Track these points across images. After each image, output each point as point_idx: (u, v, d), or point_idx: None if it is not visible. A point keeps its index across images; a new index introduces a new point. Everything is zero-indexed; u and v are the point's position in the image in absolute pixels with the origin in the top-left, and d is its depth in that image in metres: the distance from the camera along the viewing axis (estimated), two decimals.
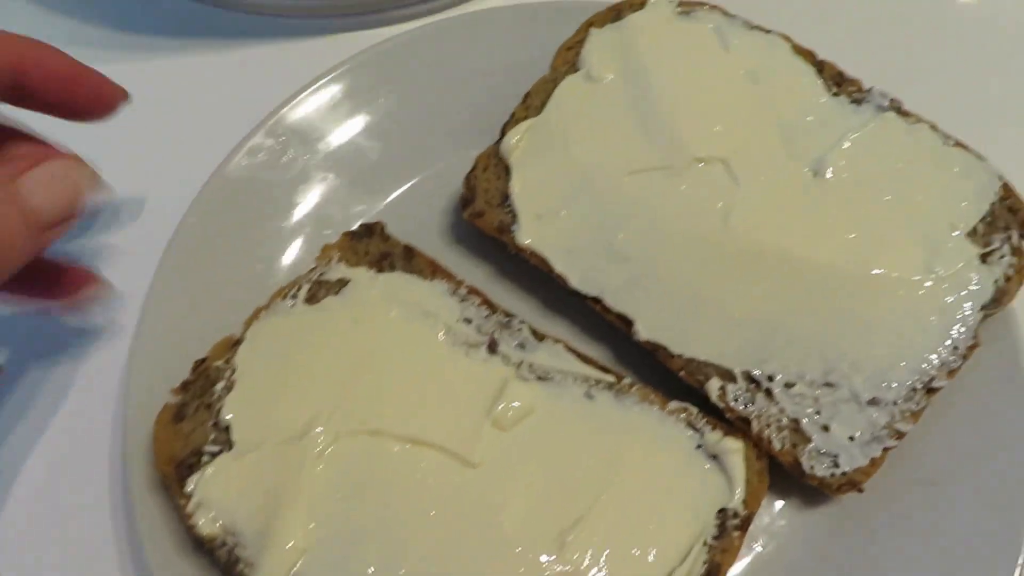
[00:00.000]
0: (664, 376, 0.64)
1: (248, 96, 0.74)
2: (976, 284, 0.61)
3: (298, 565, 0.54)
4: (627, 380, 0.63)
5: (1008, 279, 0.61)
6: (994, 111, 0.76)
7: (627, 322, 0.64)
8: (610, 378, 0.63)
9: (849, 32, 0.79)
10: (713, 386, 0.62)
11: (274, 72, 0.79)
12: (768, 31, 0.70)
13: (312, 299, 0.65)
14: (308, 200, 0.72)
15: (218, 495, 0.56)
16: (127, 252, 0.72)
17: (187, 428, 0.60)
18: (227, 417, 0.59)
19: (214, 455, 0.58)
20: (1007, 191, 0.63)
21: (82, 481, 0.65)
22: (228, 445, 0.59)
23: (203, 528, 0.55)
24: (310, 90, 0.72)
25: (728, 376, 0.62)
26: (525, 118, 0.69)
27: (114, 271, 0.67)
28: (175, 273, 0.66)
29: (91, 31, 0.83)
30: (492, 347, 0.64)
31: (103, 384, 0.68)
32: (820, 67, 0.69)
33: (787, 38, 0.69)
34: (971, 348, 0.60)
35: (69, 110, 0.59)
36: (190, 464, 0.58)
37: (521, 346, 0.64)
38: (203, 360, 0.62)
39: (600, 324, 0.67)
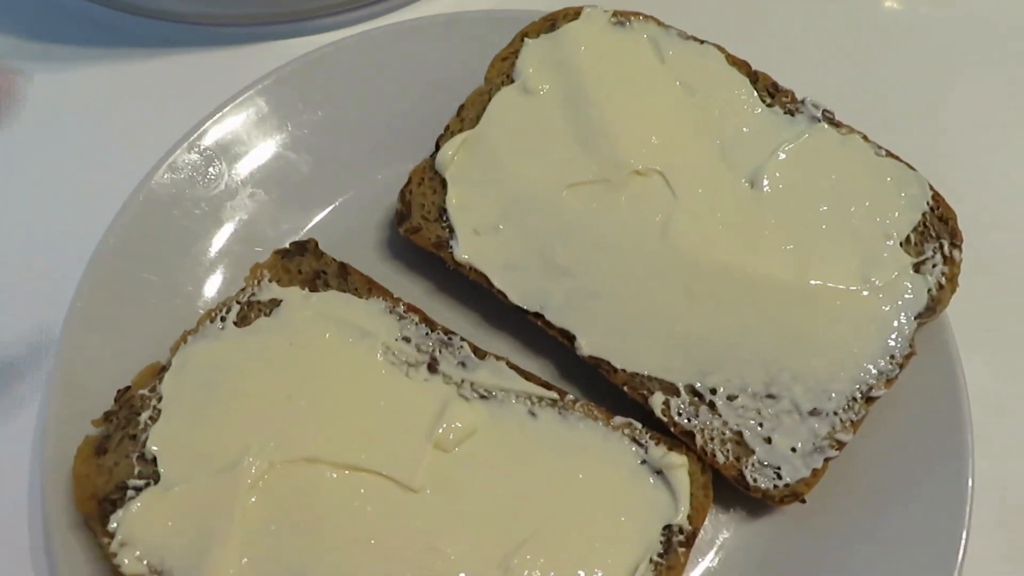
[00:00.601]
0: (608, 391, 0.64)
1: (171, 108, 0.71)
2: (911, 293, 0.62)
3: None
4: (570, 397, 0.62)
5: (940, 287, 0.62)
6: (924, 120, 0.78)
7: (569, 337, 0.63)
8: (553, 395, 0.62)
9: (782, 42, 0.80)
10: (656, 400, 0.61)
11: (198, 83, 0.77)
12: (703, 41, 0.70)
13: (243, 321, 0.63)
14: (236, 217, 0.69)
15: (144, 532, 0.53)
16: (43, 275, 0.68)
17: (110, 461, 0.56)
18: (153, 448, 0.56)
19: (139, 489, 0.55)
20: (937, 200, 0.64)
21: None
22: (155, 478, 0.56)
23: (128, 568, 0.52)
24: (235, 103, 0.70)
25: (672, 390, 0.62)
26: (460, 131, 0.68)
27: (30, 295, 0.63)
28: (96, 296, 0.63)
29: (5, 40, 0.78)
30: (432, 366, 0.62)
31: (19, 417, 0.64)
32: (754, 78, 0.69)
33: (721, 49, 0.69)
34: (907, 357, 0.61)
35: None
36: (113, 500, 0.55)
37: (462, 364, 0.62)
38: (127, 388, 0.59)
39: (543, 339, 0.66)
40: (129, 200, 0.66)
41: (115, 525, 0.53)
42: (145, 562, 0.53)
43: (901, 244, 0.63)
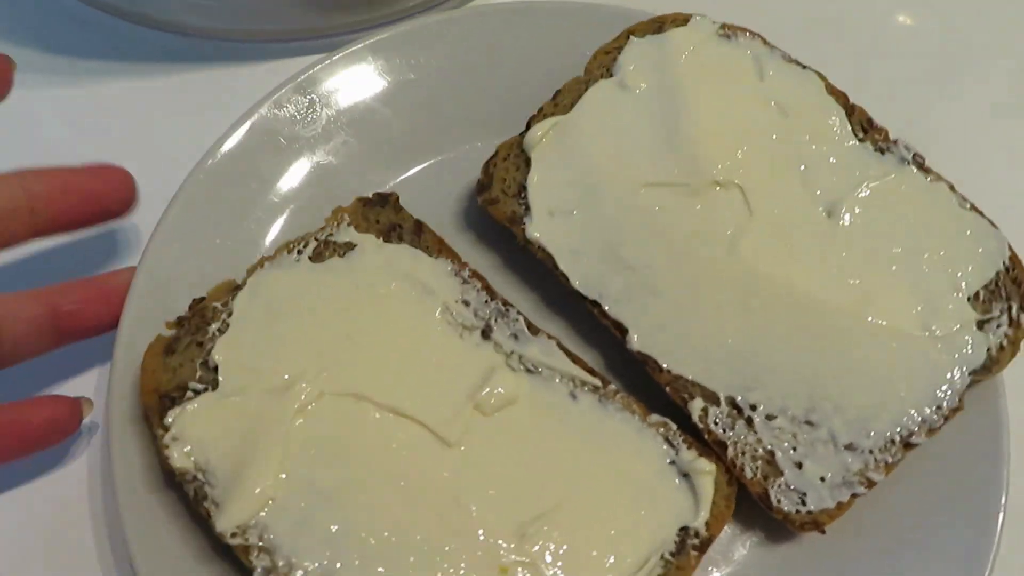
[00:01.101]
0: (650, 388, 0.65)
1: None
2: (969, 348, 0.61)
3: (263, 512, 0.55)
4: (612, 387, 0.63)
5: (1001, 348, 0.62)
6: (1015, 182, 0.77)
7: (622, 330, 0.65)
8: (596, 382, 0.63)
9: (884, 81, 0.80)
10: (696, 406, 0.62)
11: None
12: (805, 67, 0.70)
13: (317, 257, 0.66)
14: (328, 161, 0.72)
15: (196, 432, 0.57)
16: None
17: (176, 362, 0.60)
18: (216, 357, 0.60)
19: (198, 392, 0.59)
20: (1015, 262, 0.64)
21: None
22: (214, 385, 0.59)
23: (176, 461, 0.56)
24: (344, 53, 0.73)
25: (712, 398, 0.63)
26: (553, 114, 0.70)
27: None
28: (186, 210, 0.67)
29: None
30: (486, 333, 0.64)
31: None
32: (850, 110, 0.69)
33: (822, 76, 0.70)
34: (954, 411, 0.61)
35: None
36: (173, 397, 0.59)
37: (515, 336, 0.64)
38: (202, 299, 0.63)
39: (596, 328, 0.67)
40: (233, 126, 0.70)
41: (170, 420, 0.57)
42: (193, 459, 0.56)
43: (969, 299, 0.63)
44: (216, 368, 0.60)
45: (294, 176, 0.71)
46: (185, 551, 0.58)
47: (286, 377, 0.59)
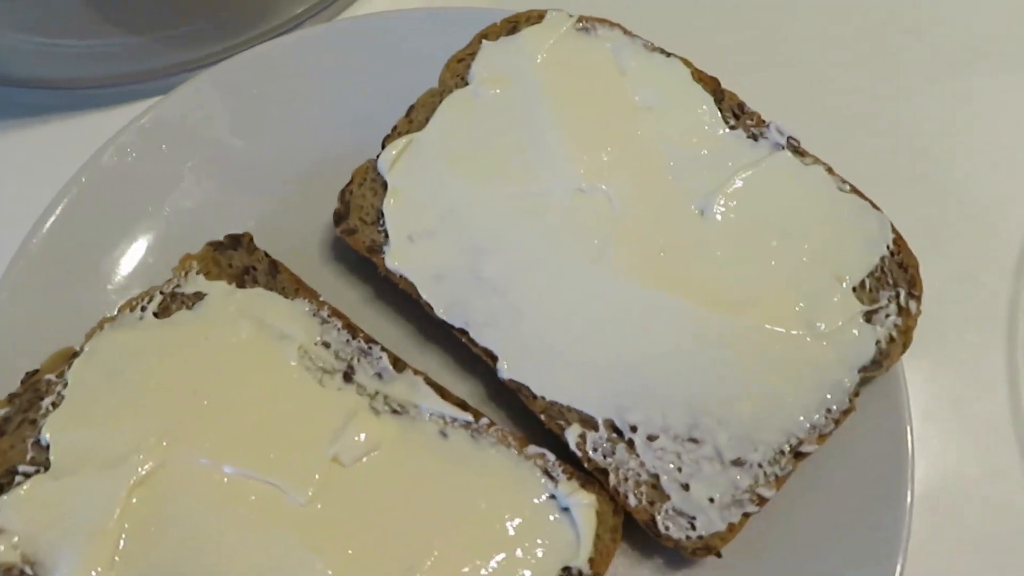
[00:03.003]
0: (529, 418, 0.61)
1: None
2: (857, 343, 0.57)
3: None
4: (485, 420, 0.59)
5: (891, 340, 0.57)
6: (896, 158, 0.72)
7: (493, 357, 0.60)
8: (468, 416, 0.59)
9: (756, 59, 0.75)
10: (573, 432, 0.58)
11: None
12: (669, 54, 0.65)
13: (164, 312, 0.62)
14: (178, 204, 0.68)
15: (24, 520, 0.53)
16: None
17: (6, 444, 0.56)
18: (47, 435, 0.56)
19: (28, 475, 0.55)
20: (899, 244, 0.59)
21: None
22: (46, 466, 0.55)
23: (1, 555, 0.52)
24: (183, 87, 0.68)
25: (590, 423, 0.58)
26: (408, 132, 0.65)
27: None
28: (22, 276, 0.63)
29: None
30: (348, 375, 0.60)
31: None
32: (720, 96, 0.64)
33: (688, 63, 0.65)
34: (845, 413, 0.56)
35: None
36: (1, 485, 0.55)
37: (379, 376, 0.60)
38: (35, 371, 0.59)
39: (471, 356, 0.63)
40: (75, 176, 0.66)
41: None
42: (19, 551, 0.52)
43: (854, 289, 0.58)
44: (48, 447, 0.56)
45: (142, 223, 0.67)
46: None
47: (123, 449, 0.55)
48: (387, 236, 0.63)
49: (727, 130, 0.63)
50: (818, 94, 0.75)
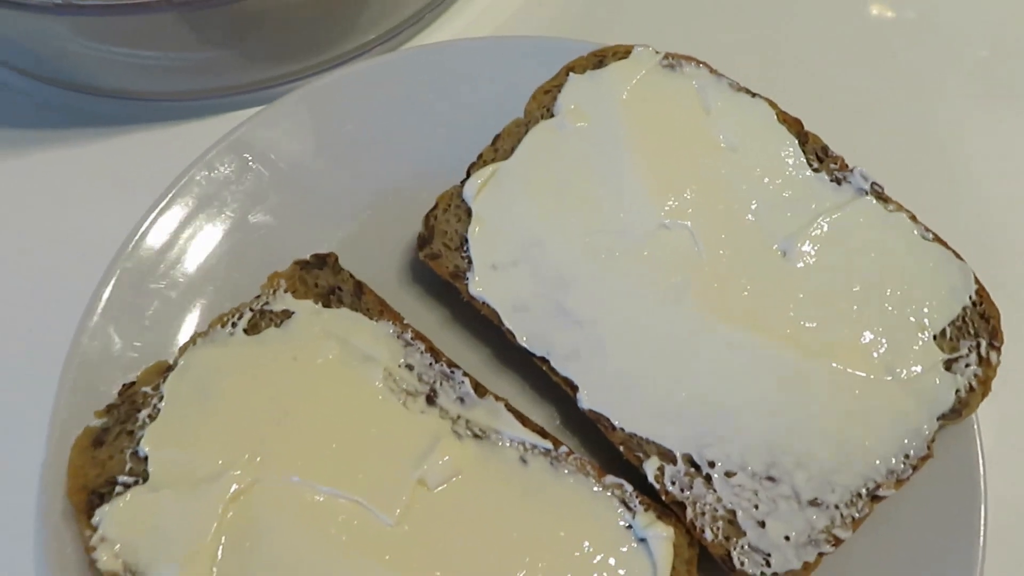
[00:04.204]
0: (606, 447, 0.62)
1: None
2: (937, 392, 0.58)
3: None
4: (564, 448, 0.61)
5: (971, 390, 0.58)
6: (982, 208, 0.73)
7: (573, 387, 0.62)
8: (547, 444, 0.61)
9: (842, 105, 0.76)
10: (651, 465, 0.59)
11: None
12: (754, 95, 0.66)
13: (253, 328, 0.63)
14: (264, 221, 0.70)
15: (125, 530, 0.55)
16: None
17: (105, 454, 0.58)
18: (146, 448, 0.57)
19: (128, 486, 0.57)
20: (982, 295, 0.60)
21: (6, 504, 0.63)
22: (144, 477, 0.57)
23: (103, 564, 0.54)
24: (272, 106, 0.70)
25: (668, 457, 0.60)
26: (493, 161, 0.67)
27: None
28: (117, 290, 0.64)
29: None
30: (431, 398, 0.62)
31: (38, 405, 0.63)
32: (804, 138, 0.65)
33: (773, 104, 0.66)
34: (923, 459, 0.57)
35: None
36: (102, 493, 0.56)
37: (460, 400, 0.62)
38: (131, 384, 0.61)
39: (549, 383, 0.64)
40: (163, 193, 0.68)
41: (98, 519, 0.55)
42: (121, 560, 0.54)
43: (935, 337, 0.59)
44: (146, 459, 0.57)
45: (230, 241, 0.69)
46: None
47: (218, 465, 0.57)
48: (471, 263, 0.65)
49: (811, 173, 0.64)
50: (905, 141, 0.76)
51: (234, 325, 0.63)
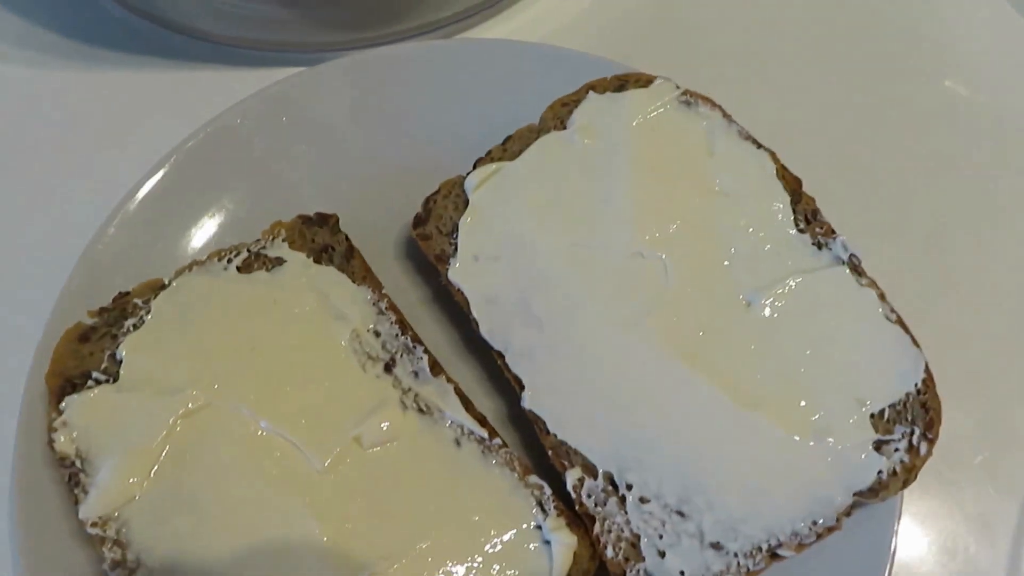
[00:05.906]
0: (540, 448, 0.65)
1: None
2: (859, 468, 0.58)
3: (123, 507, 0.58)
4: (498, 441, 0.64)
5: (894, 474, 0.58)
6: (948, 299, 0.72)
7: (521, 385, 0.65)
8: (483, 433, 0.64)
9: (844, 172, 0.76)
10: (573, 475, 0.62)
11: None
12: (760, 146, 0.68)
13: (245, 268, 0.68)
14: (283, 170, 0.75)
15: (85, 419, 0.61)
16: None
17: (87, 350, 0.64)
18: (123, 352, 0.63)
19: (100, 383, 0.63)
20: (928, 385, 0.60)
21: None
22: (115, 378, 0.63)
23: (60, 445, 0.60)
24: (317, 68, 0.75)
25: (591, 471, 0.62)
26: (500, 159, 0.70)
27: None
28: (138, 204, 0.71)
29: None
30: (389, 366, 0.65)
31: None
32: (798, 198, 0.66)
33: (776, 158, 0.67)
34: (830, 529, 0.58)
35: None
36: (75, 384, 0.63)
37: (415, 374, 0.65)
38: (126, 293, 0.67)
39: (502, 378, 0.67)
40: (200, 128, 0.73)
41: (64, 405, 0.61)
42: (75, 446, 0.60)
43: (872, 416, 0.60)
44: (121, 362, 0.63)
45: (248, 184, 0.74)
46: (63, 528, 0.62)
47: (180, 381, 0.62)
48: (456, 249, 0.68)
49: (795, 232, 0.65)
50: (897, 220, 0.75)
51: (229, 261, 0.68)
